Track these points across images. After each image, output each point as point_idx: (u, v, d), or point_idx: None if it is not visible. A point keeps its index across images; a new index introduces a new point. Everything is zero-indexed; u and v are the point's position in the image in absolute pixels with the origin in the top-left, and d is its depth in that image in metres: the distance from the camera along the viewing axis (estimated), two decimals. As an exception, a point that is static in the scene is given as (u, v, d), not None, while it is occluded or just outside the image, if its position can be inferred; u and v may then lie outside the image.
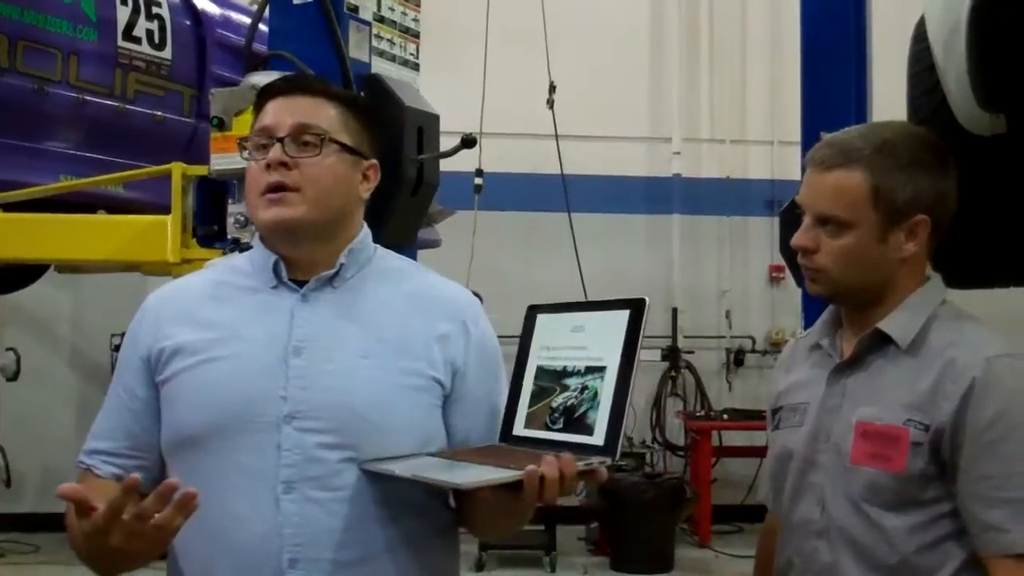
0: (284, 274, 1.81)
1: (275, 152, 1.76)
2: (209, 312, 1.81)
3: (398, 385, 1.75)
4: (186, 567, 1.77)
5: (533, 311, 1.82)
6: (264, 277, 1.82)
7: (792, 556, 1.92)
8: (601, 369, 1.66)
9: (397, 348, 1.77)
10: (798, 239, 1.88)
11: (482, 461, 1.65)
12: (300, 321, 1.77)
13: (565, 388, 1.71)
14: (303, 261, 1.81)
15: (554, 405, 1.71)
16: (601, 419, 1.64)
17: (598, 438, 1.63)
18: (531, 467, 1.53)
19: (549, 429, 1.70)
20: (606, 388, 1.65)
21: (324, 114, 1.82)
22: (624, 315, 1.66)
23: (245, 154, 1.82)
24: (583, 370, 1.69)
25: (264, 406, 1.71)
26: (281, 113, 1.80)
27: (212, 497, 1.68)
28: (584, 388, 1.68)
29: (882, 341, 1.86)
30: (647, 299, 1.65)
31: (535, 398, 1.75)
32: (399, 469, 1.64)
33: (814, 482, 1.88)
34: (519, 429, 1.76)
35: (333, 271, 1.81)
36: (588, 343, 1.71)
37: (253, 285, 1.83)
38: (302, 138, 1.78)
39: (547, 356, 1.76)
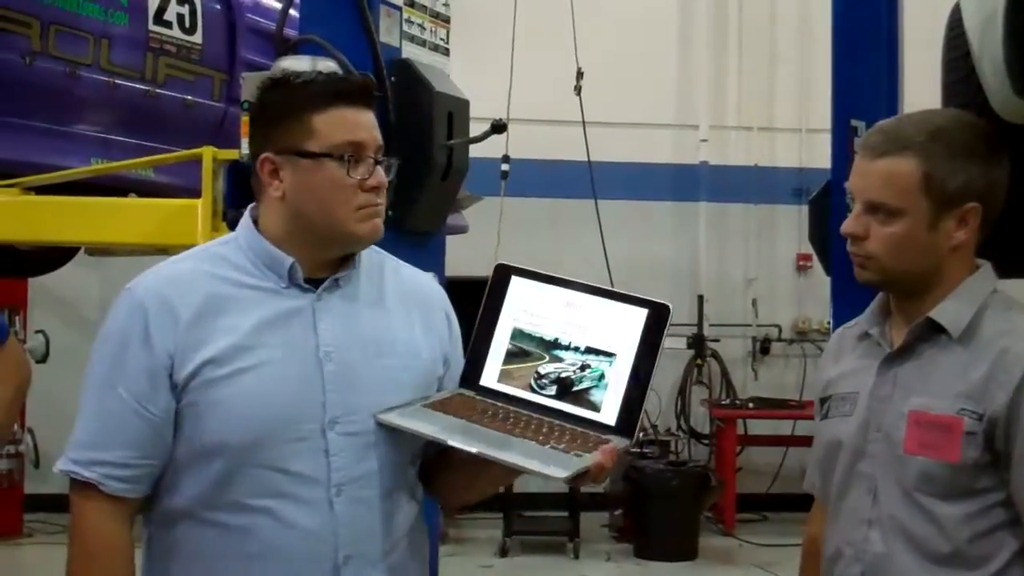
0: (301, 278, 1.81)
1: (381, 176, 1.80)
2: (228, 317, 1.77)
3: (416, 384, 1.85)
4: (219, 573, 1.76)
5: (506, 271, 1.89)
6: (271, 276, 1.81)
7: (841, 545, 1.91)
8: (609, 355, 1.76)
9: (407, 350, 1.86)
10: (848, 226, 1.88)
11: (507, 431, 1.74)
12: (324, 326, 1.80)
13: (557, 359, 1.80)
14: (314, 261, 1.83)
15: (542, 371, 1.81)
16: (609, 401, 1.75)
17: (606, 416, 1.75)
18: (599, 460, 1.66)
19: (536, 392, 1.80)
20: (616, 374, 1.75)
21: (376, 126, 1.84)
22: (641, 314, 1.76)
23: (335, 164, 1.76)
24: (583, 348, 1.79)
25: (308, 414, 1.76)
26: (365, 129, 1.81)
27: (257, 504, 1.73)
28: (585, 366, 1.77)
29: (933, 330, 1.85)
30: (670, 306, 1.74)
31: (512, 357, 1.84)
32: (458, 442, 1.71)
33: (864, 471, 1.88)
34: (490, 381, 1.86)
35: (347, 272, 1.84)
36: (589, 325, 1.79)
37: (262, 285, 1.81)
38: (377, 156, 1.82)
39: (529, 321, 1.84)
